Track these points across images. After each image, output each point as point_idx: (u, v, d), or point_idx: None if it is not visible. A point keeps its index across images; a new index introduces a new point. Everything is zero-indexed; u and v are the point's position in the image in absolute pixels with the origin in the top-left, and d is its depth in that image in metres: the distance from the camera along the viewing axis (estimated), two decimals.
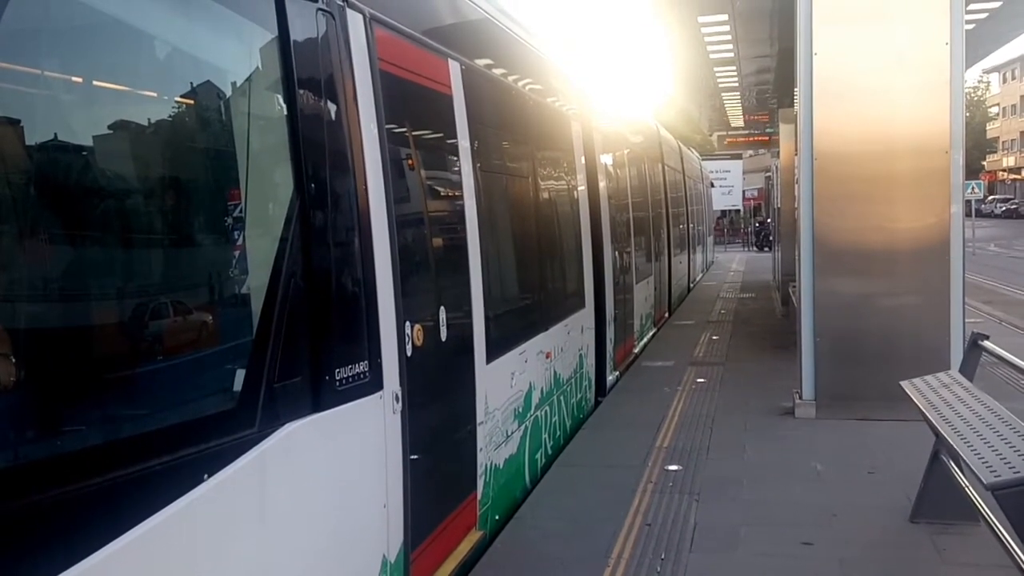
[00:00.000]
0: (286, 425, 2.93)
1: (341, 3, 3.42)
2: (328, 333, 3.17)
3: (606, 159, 9.28)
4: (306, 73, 3.16)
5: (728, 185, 37.99)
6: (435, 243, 4.44)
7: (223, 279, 3.05)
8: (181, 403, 2.70)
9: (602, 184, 8.74)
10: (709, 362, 10.62)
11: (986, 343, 4.58)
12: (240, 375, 2.86)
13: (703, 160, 30.59)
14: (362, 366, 3.36)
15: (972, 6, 9.45)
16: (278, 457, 2.88)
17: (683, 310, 16.32)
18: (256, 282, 2.97)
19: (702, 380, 9.38)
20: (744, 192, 40.88)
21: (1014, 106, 76.43)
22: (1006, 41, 15.01)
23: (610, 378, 9.05)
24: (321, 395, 3.11)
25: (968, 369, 4.75)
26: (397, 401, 3.60)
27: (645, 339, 11.99)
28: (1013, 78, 75.68)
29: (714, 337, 12.64)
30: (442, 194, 4.65)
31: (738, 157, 38.39)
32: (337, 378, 3.20)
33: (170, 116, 2.87)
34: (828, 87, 7.58)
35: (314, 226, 3.11)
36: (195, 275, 2.93)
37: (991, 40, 13.60)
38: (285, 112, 3.09)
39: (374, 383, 3.43)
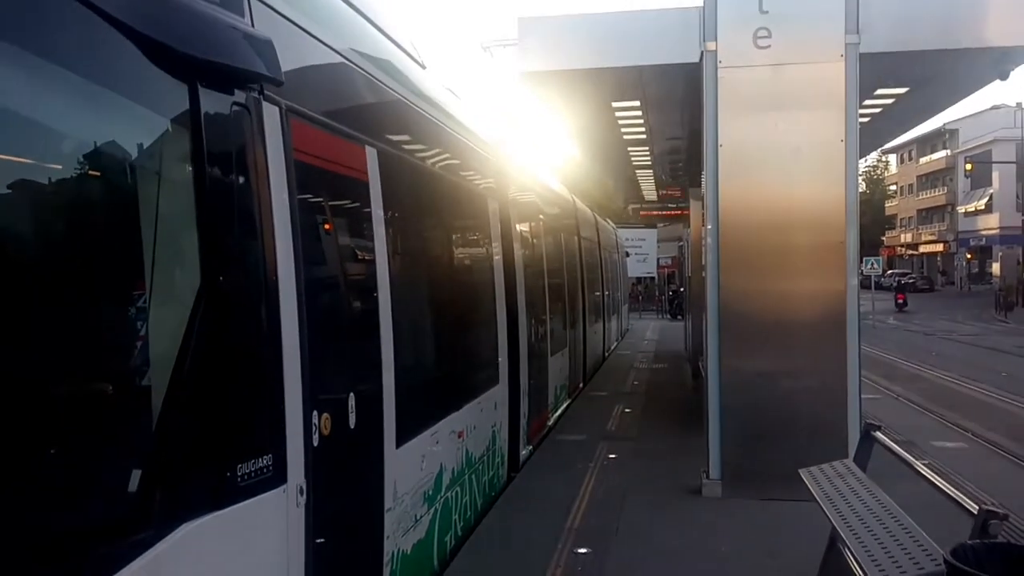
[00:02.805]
0: (183, 525, 2.85)
1: (257, 96, 3.44)
2: (230, 427, 3.11)
3: (522, 234, 9.45)
4: (218, 165, 3.16)
5: (643, 253, 38.88)
6: (348, 330, 4.43)
7: (119, 371, 2.96)
8: (69, 506, 2.61)
9: (518, 259, 8.88)
10: (621, 436, 10.74)
11: (878, 434, 4.78)
12: (136, 474, 2.78)
13: (619, 228, 31.31)
14: (265, 460, 3.30)
15: (867, 101, 10.06)
16: (173, 560, 2.79)
17: (598, 380, 16.50)
18: (156, 374, 2.91)
19: (614, 456, 9.47)
20: (659, 260, 41.86)
21: (911, 185, 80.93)
22: (900, 133, 15.99)
23: (523, 452, 9.06)
24: (221, 492, 3.04)
25: (862, 458, 4.95)
26: (301, 494, 3.54)
27: (560, 411, 12.07)
28: (910, 159, 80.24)
29: (627, 410, 12.81)
30: (356, 280, 4.65)
31: (653, 226, 39.39)
32: (239, 473, 3.13)
33: (74, 204, 2.82)
34: (733, 172, 7.95)
35: (219, 318, 3.08)
36: (89, 366, 2.84)
37: (885, 133, 14.47)
38: (194, 201, 3.08)
39: (277, 477, 3.37)
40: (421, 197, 5.98)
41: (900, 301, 43.52)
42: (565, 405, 12.66)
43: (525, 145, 12.39)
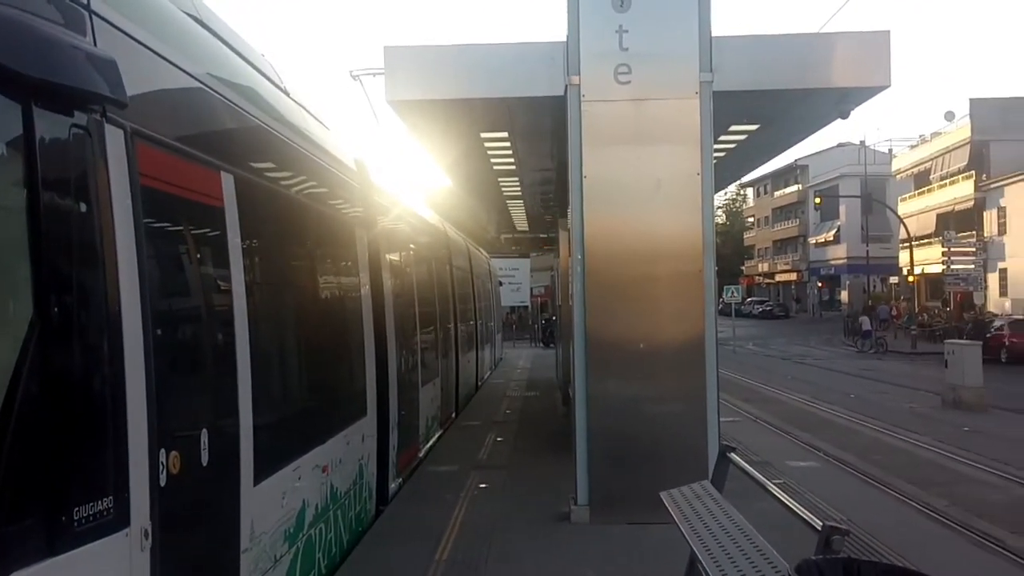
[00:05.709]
0: (13, 575, 2.65)
1: (99, 118, 3.28)
2: (66, 467, 2.92)
3: (391, 263, 9.36)
4: (54, 189, 2.99)
5: (517, 283, 39.28)
6: (200, 362, 4.25)
7: None
8: None
9: (387, 288, 8.78)
10: (493, 465, 10.74)
11: (733, 456, 4.96)
12: None
13: (493, 258, 31.55)
14: (106, 502, 3.11)
15: (722, 137, 10.54)
16: None
17: (470, 409, 16.48)
18: None
19: (485, 485, 9.45)
20: (532, 289, 42.37)
21: (767, 217, 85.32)
22: (754, 168, 16.87)
23: (393, 485, 8.91)
24: (55, 537, 2.85)
25: (719, 479, 5.11)
26: (146, 538, 3.35)
27: (431, 441, 11.96)
28: (766, 192, 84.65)
29: (499, 439, 12.83)
30: (209, 310, 4.47)
31: (526, 256, 39.88)
32: (75, 517, 2.94)
33: None
34: (597, 204, 8.17)
35: (52, 351, 2.90)
36: None
37: (740, 167, 15.25)
38: (26, 228, 2.90)
39: (119, 520, 3.18)
40: (282, 225, 5.83)
41: None
42: (437, 436, 12.56)
43: (396, 174, 12.34)
